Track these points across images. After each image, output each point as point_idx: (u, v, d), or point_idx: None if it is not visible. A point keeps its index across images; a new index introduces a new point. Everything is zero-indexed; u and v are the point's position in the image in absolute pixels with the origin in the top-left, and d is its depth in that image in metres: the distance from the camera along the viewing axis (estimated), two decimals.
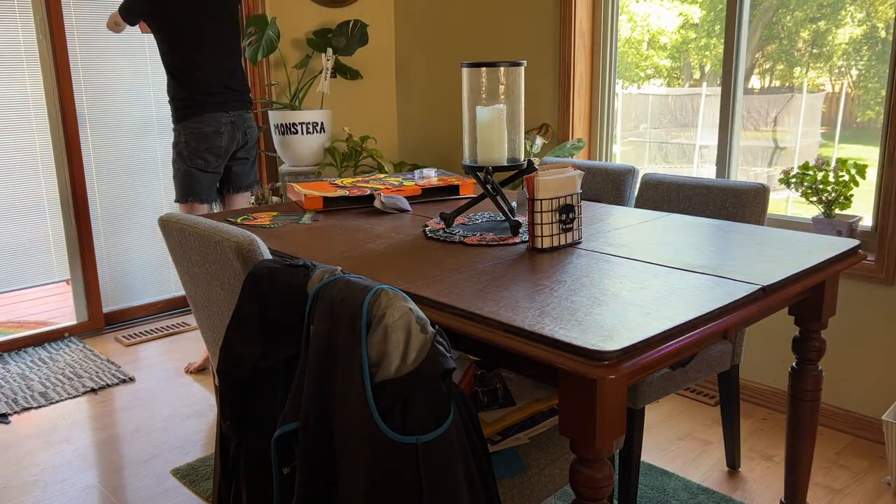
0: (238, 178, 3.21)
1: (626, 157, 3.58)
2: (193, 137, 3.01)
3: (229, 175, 3.19)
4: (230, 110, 3.08)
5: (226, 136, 3.06)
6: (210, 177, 3.09)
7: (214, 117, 3.02)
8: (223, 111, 3.05)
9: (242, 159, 3.19)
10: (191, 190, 3.07)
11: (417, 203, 2.34)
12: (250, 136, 3.18)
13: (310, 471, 1.17)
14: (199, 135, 3.01)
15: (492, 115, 1.82)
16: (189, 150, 3.02)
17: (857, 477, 2.31)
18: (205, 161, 3.05)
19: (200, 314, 1.71)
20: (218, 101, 3.04)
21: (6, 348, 3.45)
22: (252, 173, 3.28)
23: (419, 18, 4.01)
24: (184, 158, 3.04)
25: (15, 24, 3.34)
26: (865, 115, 2.68)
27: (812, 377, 1.83)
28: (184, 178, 3.06)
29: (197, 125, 3.00)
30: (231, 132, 3.08)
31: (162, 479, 2.37)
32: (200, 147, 3.02)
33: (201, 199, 3.12)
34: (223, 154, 3.09)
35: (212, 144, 3.03)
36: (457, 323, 1.29)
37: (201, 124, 3.00)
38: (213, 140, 3.03)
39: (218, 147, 3.05)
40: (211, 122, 3.01)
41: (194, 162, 3.03)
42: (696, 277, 1.46)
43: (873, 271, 2.45)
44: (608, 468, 1.22)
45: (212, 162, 3.06)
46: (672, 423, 2.68)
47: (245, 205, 3.30)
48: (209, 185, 3.12)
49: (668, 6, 3.26)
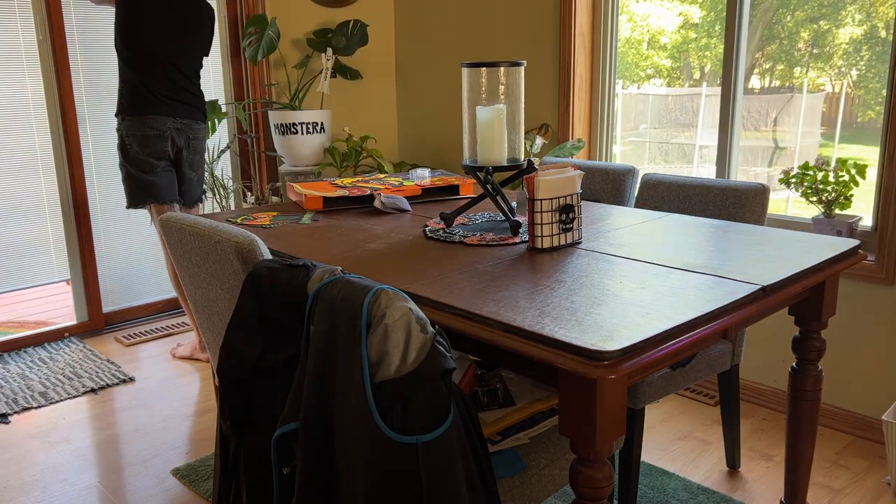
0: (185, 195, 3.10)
1: (626, 157, 3.58)
2: (135, 141, 2.90)
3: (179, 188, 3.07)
4: (178, 116, 2.96)
5: (168, 142, 2.95)
6: (166, 175, 2.96)
7: (159, 120, 2.91)
8: (170, 116, 2.93)
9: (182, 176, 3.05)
10: (148, 192, 2.95)
11: (417, 203, 2.34)
12: (193, 147, 3.05)
13: (310, 471, 1.17)
14: (141, 138, 2.89)
15: (492, 115, 1.82)
16: (134, 154, 2.91)
17: (857, 477, 2.31)
18: (150, 165, 2.93)
19: (200, 314, 1.72)
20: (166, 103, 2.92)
21: (6, 348, 3.45)
22: (198, 188, 3.16)
23: (419, 18, 4.01)
24: (130, 161, 2.92)
25: (15, 24, 3.33)
26: (865, 115, 2.68)
27: (812, 377, 1.83)
28: (136, 182, 2.94)
29: (139, 127, 2.88)
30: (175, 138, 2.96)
31: (162, 479, 2.37)
32: (143, 151, 2.90)
33: (162, 201, 2.98)
34: (168, 157, 2.97)
35: (154, 148, 2.91)
36: (457, 323, 1.29)
37: (144, 126, 2.89)
38: (156, 144, 2.91)
39: (161, 151, 2.93)
40: (155, 124, 2.90)
41: (142, 166, 2.92)
42: (696, 277, 1.46)
43: (873, 271, 2.45)
44: (608, 468, 1.22)
45: (158, 165, 2.94)
46: (672, 423, 2.68)
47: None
48: (168, 184, 2.98)
49: (668, 6, 3.26)
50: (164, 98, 2.93)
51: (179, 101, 2.98)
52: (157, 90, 2.92)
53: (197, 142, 3.08)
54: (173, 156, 3.01)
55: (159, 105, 2.92)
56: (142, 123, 2.89)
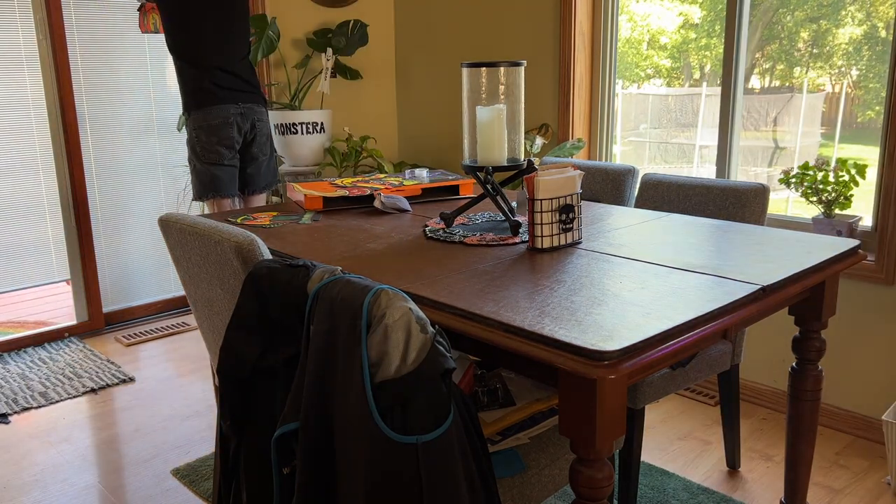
0: (253, 179, 3.10)
1: (626, 157, 3.58)
2: (203, 131, 2.93)
3: (244, 177, 3.09)
4: (240, 102, 2.99)
5: (234, 128, 2.97)
6: (229, 170, 2.99)
7: (223, 108, 2.94)
8: (232, 103, 2.97)
9: (251, 158, 3.08)
10: (211, 186, 2.97)
11: (417, 203, 2.34)
12: (259, 129, 3.07)
13: (310, 471, 1.17)
14: (207, 128, 2.93)
15: (492, 115, 1.82)
16: (202, 146, 2.94)
17: (857, 477, 2.31)
18: (219, 154, 2.95)
19: (200, 314, 1.71)
20: (226, 92, 2.95)
21: (6, 348, 3.45)
22: (269, 173, 3.17)
23: (419, 18, 4.01)
24: (198, 155, 2.95)
25: (15, 24, 3.34)
26: (865, 115, 2.68)
27: (812, 377, 1.83)
28: (201, 176, 2.97)
29: (204, 118, 2.92)
30: (240, 124, 2.98)
31: (162, 479, 2.37)
32: (212, 140, 2.93)
33: (224, 195, 3.01)
34: (235, 145, 2.99)
35: (222, 136, 2.94)
36: (457, 323, 1.29)
37: (209, 117, 2.92)
38: (223, 131, 2.94)
39: (229, 138, 2.95)
40: (219, 113, 2.93)
41: (209, 157, 2.95)
42: (696, 277, 1.46)
43: (873, 271, 2.45)
44: (608, 468, 1.22)
45: (226, 155, 2.96)
46: (672, 423, 2.68)
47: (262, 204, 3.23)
48: (230, 179, 3.01)
49: (668, 6, 3.26)
50: (223, 88, 2.96)
51: (238, 90, 3.01)
52: (215, 82, 2.94)
53: (262, 124, 3.09)
54: (240, 142, 3.03)
55: (220, 95, 2.94)
56: (206, 114, 2.92)
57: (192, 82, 2.94)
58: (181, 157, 3.90)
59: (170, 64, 3.79)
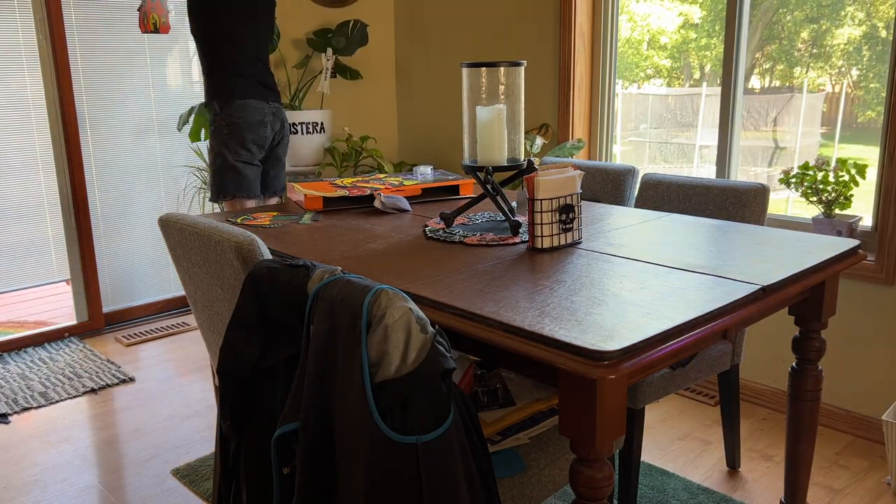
0: (274, 182, 2.99)
1: (626, 157, 3.58)
2: (239, 127, 2.76)
3: (266, 179, 2.97)
4: (270, 100, 2.87)
5: (269, 128, 2.85)
6: (256, 170, 2.86)
7: (259, 106, 2.81)
8: (265, 101, 2.85)
9: (276, 159, 2.97)
10: (239, 185, 2.82)
11: (417, 203, 2.34)
12: (285, 130, 2.97)
13: (310, 471, 1.17)
14: (245, 124, 2.76)
15: (492, 115, 1.82)
16: (236, 141, 2.77)
17: (857, 477, 2.31)
18: (251, 153, 2.80)
19: (200, 314, 1.71)
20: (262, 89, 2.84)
21: (6, 348, 3.45)
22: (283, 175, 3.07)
23: (419, 18, 4.01)
24: (230, 149, 2.78)
25: (15, 24, 3.34)
26: (865, 115, 2.68)
27: (812, 377, 1.83)
28: (229, 172, 2.80)
29: (242, 113, 2.77)
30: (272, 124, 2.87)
31: (162, 479, 2.37)
32: (247, 138, 2.77)
33: (249, 195, 2.86)
34: (266, 145, 2.86)
35: (257, 134, 2.80)
36: (457, 323, 1.29)
37: (245, 112, 2.77)
38: (259, 129, 2.80)
39: (263, 138, 2.82)
40: (256, 110, 2.79)
41: (240, 155, 2.78)
42: (696, 277, 1.46)
43: (873, 271, 2.45)
44: (608, 468, 1.22)
45: (256, 154, 2.83)
46: (672, 423, 2.68)
47: None
48: (255, 179, 2.87)
49: (668, 6, 3.26)
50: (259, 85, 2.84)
51: (270, 87, 2.90)
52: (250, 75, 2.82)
53: (287, 125, 3.00)
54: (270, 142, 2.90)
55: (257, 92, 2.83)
56: (245, 106, 2.78)
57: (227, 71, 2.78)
58: (181, 157, 3.90)
59: (170, 64, 3.79)
